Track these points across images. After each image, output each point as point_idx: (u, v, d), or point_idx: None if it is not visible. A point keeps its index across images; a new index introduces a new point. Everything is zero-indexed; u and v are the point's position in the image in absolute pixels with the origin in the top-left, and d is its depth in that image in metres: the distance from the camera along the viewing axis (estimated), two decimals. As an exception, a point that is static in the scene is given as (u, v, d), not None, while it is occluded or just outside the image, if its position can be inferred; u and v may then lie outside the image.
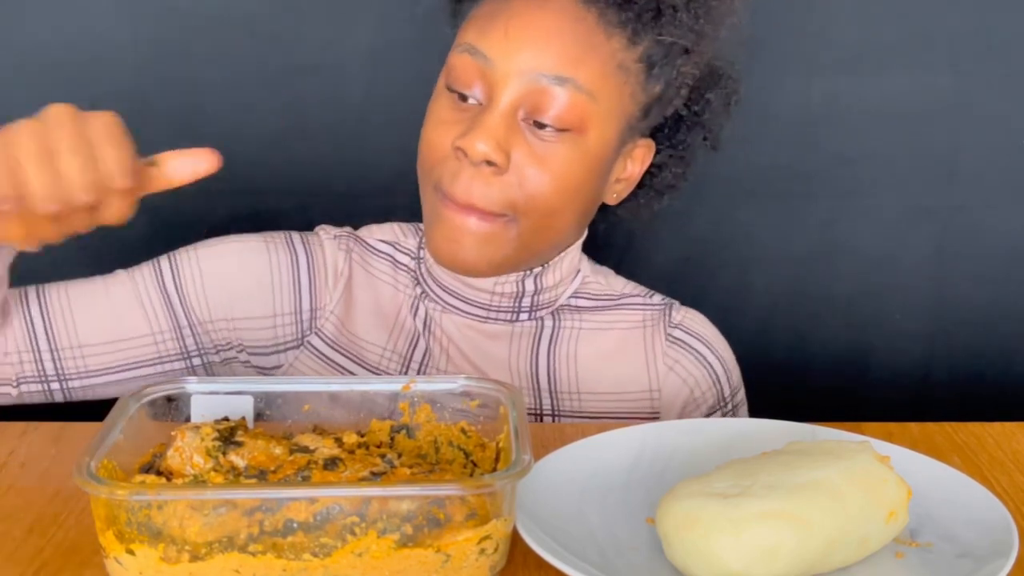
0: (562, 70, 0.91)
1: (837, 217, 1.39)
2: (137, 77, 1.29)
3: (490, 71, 0.92)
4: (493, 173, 0.92)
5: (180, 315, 0.99)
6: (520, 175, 0.92)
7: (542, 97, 0.91)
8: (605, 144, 0.95)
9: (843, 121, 1.35)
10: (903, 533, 0.72)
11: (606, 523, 0.74)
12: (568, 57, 0.91)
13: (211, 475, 0.71)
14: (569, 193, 0.95)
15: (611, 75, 0.93)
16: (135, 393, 0.77)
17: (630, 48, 0.94)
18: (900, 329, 1.42)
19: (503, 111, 0.91)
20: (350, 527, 0.66)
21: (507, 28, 0.92)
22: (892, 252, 1.40)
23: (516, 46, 0.91)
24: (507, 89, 0.91)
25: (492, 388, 0.79)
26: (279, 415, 0.80)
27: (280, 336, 1.02)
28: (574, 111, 0.92)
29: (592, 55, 0.92)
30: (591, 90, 0.92)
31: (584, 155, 0.94)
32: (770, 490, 0.68)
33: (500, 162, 0.91)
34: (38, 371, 0.95)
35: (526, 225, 0.94)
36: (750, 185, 1.38)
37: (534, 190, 0.93)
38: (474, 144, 0.90)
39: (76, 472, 0.65)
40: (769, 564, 0.66)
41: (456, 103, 0.94)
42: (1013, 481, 0.83)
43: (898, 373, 1.43)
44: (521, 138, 0.92)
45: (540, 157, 0.92)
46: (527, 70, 0.91)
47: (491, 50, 0.92)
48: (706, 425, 0.89)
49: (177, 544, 0.65)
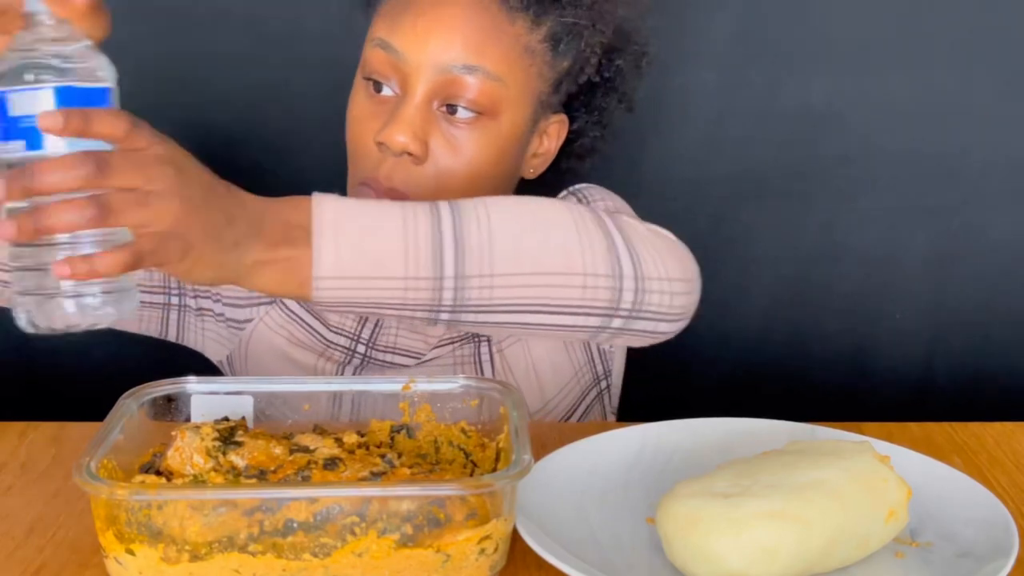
0: (470, 59, 0.95)
1: (837, 217, 1.39)
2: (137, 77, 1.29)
3: (403, 64, 0.96)
4: (413, 162, 0.96)
5: None
6: (437, 163, 0.96)
7: (454, 86, 0.95)
8: (518, 125, 0.99)
9: (843, 121, 1.35)
10: (903, 533, 0.72)
11: (606, 523, 0.74)
12: (475, 46, 0.95)
13: (211, 475, 0.71)
14: (484, 177, 0.98)
15: (518, 58, 0.97)
16: (135, 393, 0.77)
17: (534, 29, 0.98)
18: (900, 329, 1.42)
19: (418, 103, 0.95)
20: (350, 527, 0.66)
21: (415, 22, 0.95)
22: (892, 252, 1.40)
23: (425, 39, 0.95)
24: (420, 81, 0.95)
25: (492, 388, 0.79)
26: (279, 415, 0.80)
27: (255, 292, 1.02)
28: (485, 97, 0.96)
29: (498, 41, 0.96)
30: (500, 75, 0.96)
31: (497, 138, 0.98)
32: (770, 490, 0.68)
33: (418, 152, 0.95)
34: None
35: None
36: (750, 185, 1.38)
37: (448, 177, 0.97)
38: (393, 136, 0.94)
39: (76, 472, 0.65)
40: (769, 564, 0.66)
41: (372, 95, 0.98)
42: (1013, 481, 0.83)
43: (898, 373, 1.43)
44: (436, 127, 0.96)
45: (455, 145, 0.96)
46: (438, 62, 0.95)
47: (402, 44, 0.96)
48: (706, 425, 0.88)
49: (177, 544, 0.65)
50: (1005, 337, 1.43)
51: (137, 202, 0.68)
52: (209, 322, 1.05)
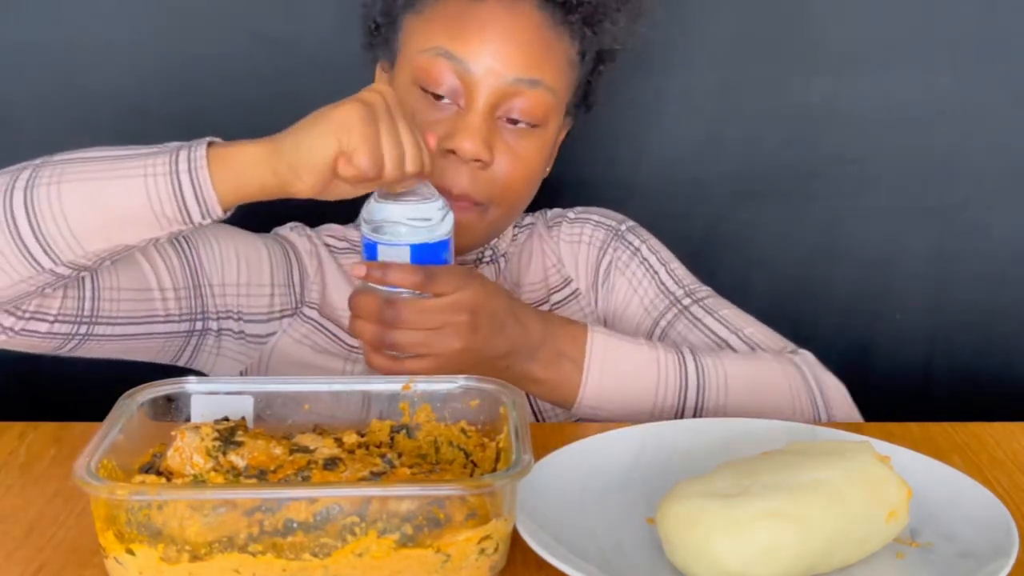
0: (534, 72, 1.01)
1: (837, 217, 1.39)
2: (137, 77, 1.29)
3: (466, 74, 1.00)
4: (479, 168, 1.01)
5: (194, 274, 1.00)
6: (500, 167, 1.02)
7: (516, 98, 1.01)
8: (557, 131, 1.08)
9: (843, 121, 1.35)
10: (903, 533, 0.72)
11: (606, 523, 0.74)
12: (538, 60, 1.02)
13: (211, 475, 0.71)
14: (534, 180, 1.08)
15: (565, 71, 1.05)
16: (135, 393, 0.77)
17: (572, 44, 1.05)
18: (900, 329, 1.42)
19: (483, 112, 1.01)
20: (350, 527, 0.66)
21: (482, 34, 1.00)
22: (892, 252, 1.40)
23: (491, 50, 1.00)
24: (485, 91, 1.00)
25: (492, 388, 0.79)
26: (279, 415, 0.80)
27: (276, 305, 1.06)
28: (542, 108, 1.03)
29: (553, 55, 1.03)
30: (554, 87, 1.04)
31: (546, 144, 1.06)
32: (770, 490, 0.68)
33: (487, 159, 1.01)
34: (78, 309, 0.92)
35: (496, 213, 1.05)
36: (750, 185, 1.38)
37: (509, 181, 1.03)
38: (464, 145, 0.99)
39: (76, 472, 0.65)
40: (769, 564, 0.66)
41: (430, 102, 1.02)
42: (1013, 481, 0.83)
43: (898, 373, 1.43)
44: (499, 135, 1.02)
45: (515, 151, 1.03)
46: (503, 73, 1.00)
47: (466, 54, 1.00)
48: (706, 425, 0.89)
49: (177, 544, 0.65)
50: (1005, 337, 1.43)
51: (419, 343, 0.88)
52: (227, 340, 1.05)
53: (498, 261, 1.14)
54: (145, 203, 0.83)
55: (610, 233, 1.16)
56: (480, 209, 1.03)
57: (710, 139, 1.36)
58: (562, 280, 1.16)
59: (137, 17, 1.28)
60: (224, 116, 1.29)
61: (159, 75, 1.29)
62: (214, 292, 1.02)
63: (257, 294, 1.05)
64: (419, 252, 0.88)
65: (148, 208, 0.83)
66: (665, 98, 1.35)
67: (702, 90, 1.35)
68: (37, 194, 0.83)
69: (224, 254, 1.03)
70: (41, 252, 0.83)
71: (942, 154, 1.37)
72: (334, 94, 1.21)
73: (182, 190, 0.82)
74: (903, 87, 1.34)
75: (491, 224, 1.06)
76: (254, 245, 1.06)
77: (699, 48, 1.33)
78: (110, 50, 1.28)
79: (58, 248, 0.84)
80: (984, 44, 1.33)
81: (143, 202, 0.83)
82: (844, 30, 1.33)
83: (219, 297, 1.02)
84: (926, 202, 1.38)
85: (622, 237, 1.16)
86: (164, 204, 0.83)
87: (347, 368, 1.06)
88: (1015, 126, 1.36)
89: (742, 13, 1.33)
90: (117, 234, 0.84)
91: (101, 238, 0.84)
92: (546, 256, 1.16)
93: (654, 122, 1.36)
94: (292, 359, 1.06)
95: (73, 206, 0.83)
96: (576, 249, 1.16)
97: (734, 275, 1.40)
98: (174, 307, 0.99)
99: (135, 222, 0.84)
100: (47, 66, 1.28)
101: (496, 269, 1.14)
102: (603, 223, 1.17)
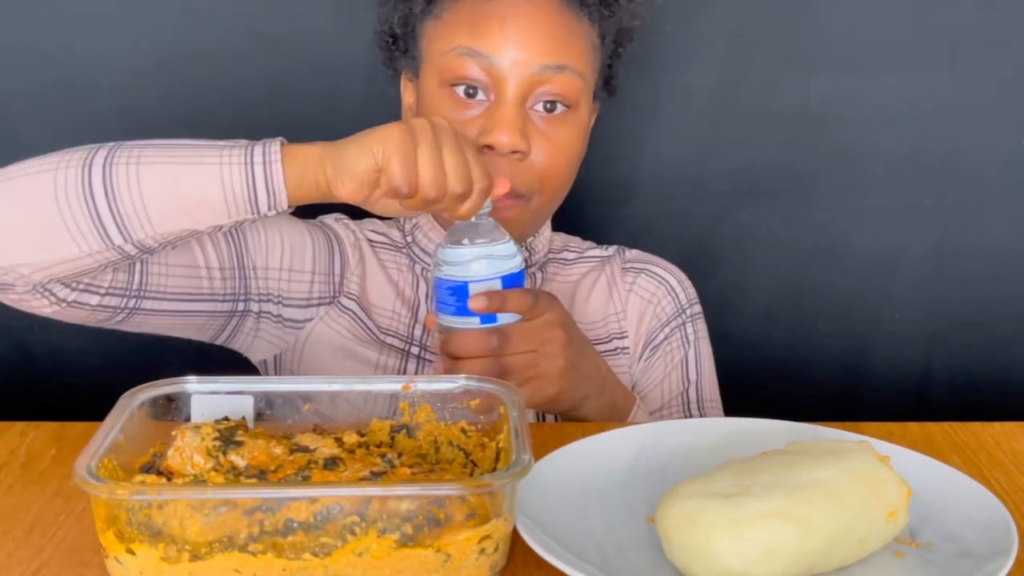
0: (559, 58, 1.02)
1: (837, 217, 1.39)
2: (137, 77, 1.29)
3: (493, 69, 1.01)
4: (518, 159, 1.02)
5: (241, 255, 1.03)
6: (537, 157, 1.03)
7: (545, 85, 1.02)
8: (589, 114, 1.09)
9: (843, 121, 1.35)
10: (903, 533, 0.72)
11: (606, 523, 0.74)
12: (562, 46, 1.02)
13: (211, 475, 0.71)
14: (574, 166, 1.08)
15: (589, 53, 1.06)
16: (135, 393, 0.77)
17: (593, 27, 1.06)
18: (900, 329, 1.42)
19: (514, 103, 1.01)
20: (350, 527, 0.66)
21: (503, 28, 1.01)
22: (892, 252, 1.40)
23: (515, 42, 1.01)
24: (514, 82, 1.01)
25: (492, 388, 0.79)
26: (279, 415, 0.80)
27: (315, 292, 1.09)
28: (572, 93, 1.03)
29: (576, 39, 1.04)
30: (581, 71, 1.04)
31: (580, 128, 1.07)
32: (770, 490, 0.68)
33: (525, 149, 1.01)
34: (128, 283, 0.94)
35: (539, 201, 1.06)
36: (750, 185, 1.38)
37: (549, 169, 1.04)
38: (500, 138, 1.00)
39: (76, 472, 0.65)
40: (769, 564, 0.66)
41: (460, 100, 1.03)
42: (1013, 481, 0.83)
43: (898, 373, 1.43)
44: (532, 124, 1.03)
45: (550, 139, 1.03)
46: (529, 63, 1.01)
47: (491, 49, 1.01)
48: (706, 425, 0.89)
49: (177, 544, 0.65)
50: (1004, 336, 1.43)
51: (529, 364, 0.92)
52: (265, 323, 1.07)
53: (534, 276, 1.15)
54: (219, 190, 0.86)
55: (676, 312, 1.16)
56: (523, 201, 1.04)
57: (710, 139, 1.36)
58: (619, 330, 1.16)
59: (137, 17, 1.28)
60: (224, 116, 1.29)
61: (159, 75, 1.29)
62: (257, 275, 1.04)
63: (298, 280, 1.07)
64: (508, 282, 0.93)
65: (221, 195, 0.86)
66: (665, 98, 1.35)
67: (702, 90, 1.35)
68: (116, 171, 0.86)
69: (269, 239, 1.05)
70: (115, 228, 0.86)
71: (941, 154, 1.37)
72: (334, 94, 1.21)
73: (255, 181, 0.86)
74: (902, 87, 1.34)
75: (535, 213, 1.07)
76: (299, 231, 1.08)
77: (698, 48, 1.33)
78: (110, 50, 1.28)
79: (131, 226, 0.87)
80: (983, 44, 1.33)
81: (217, 189, 0.86)
82: (844, 30, 1.33)
83: (261, 280, 1.05)
84: (925, 202, 1.38)
85: (683, 326, 1.16)
86: (237, 193, 0.86)
87: (380, 360, 1.08)
88: (1014, 126, 1.36)
89: (742, 13, 1.33)
90: (188, 218, 0.87)
91: (172, 221, 0.88)
92: (612, 300, 1.16)
93: (654, 122, 1.36)
94: (327, 346, 1.08)
95: (151, 186, 0.86)
96: (644, 308, 1.16)
97: (733, 275, 1.40)
98: (219, 286, 1.01)
99: (207, 208, 0.87)
100: (47, 66, 1.28)
101: (531, 282, 1.14)
102: (675, 296, 1.16)
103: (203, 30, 1.28)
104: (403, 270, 1.14)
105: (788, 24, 1.33)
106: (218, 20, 1.28)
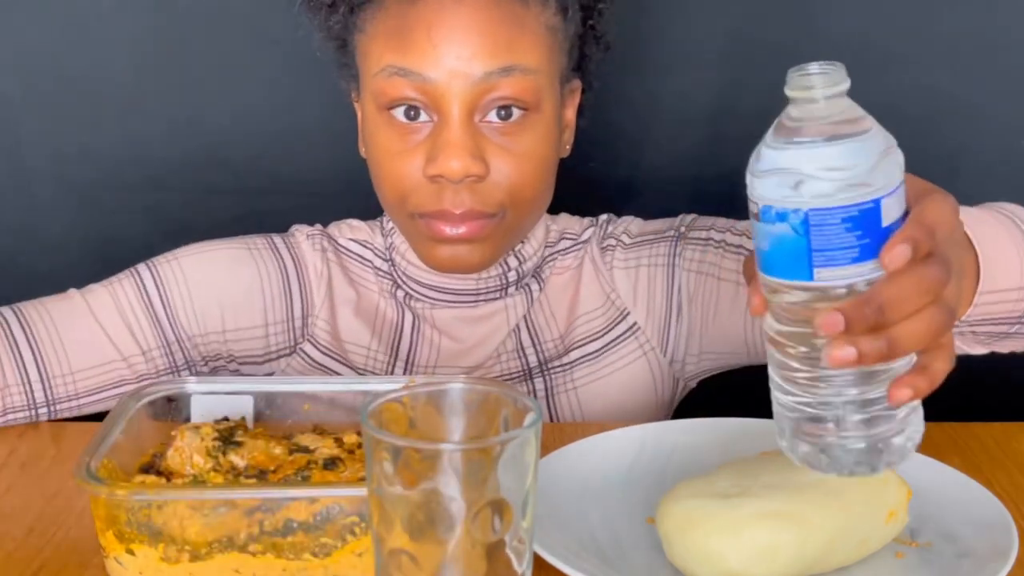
0: (504, 59, 0.87)
1: (837, 217, 1.39)
2: (137, 77, 1.29)
3: (429, 86, 0.88)
4: (475, 181, 0.89)
5: (168, 331, 0.96)
6: (499, 175, 0.90)
7: (493, 93, 0.88)
8: (555, 107, 0.93)
9: (843, 121, 1.35)
10: (903, 533, 0.72)
11: (606, 523, 0.74)
12: (503, 44, 0.87)
13: (211, 475, 0.71)
14: (548, 169, 0.94)
15: (543, 41, 0.90)
16: (135, 393, 0.77)
17: (546, 6, 0.91)
18: (899, 329, 1.42)
19: (460, 121, 0.88)
20: (350, 527, 0.66)
21: (430, 36, 0.87)
22: (892, 252, 1.40)
23: (447, 51, 0.87)
24: (455, 98, 0.87)
25: (492, 388, 0.79)
26: (279, 415, 0.80)
27: (272, 345, 1.01)
28: (527, 94, 0.89)
29: (522, 31, 0.88)
30: (535, 66, 0.89)
31: (545, 128, 0.92)
32: (770, 490, 0.68)
33: (481, 171, 0.89)
34: (27, 401, 0.92)
35: (514, 215, 0.93)
36: (750, 185, 1.38)
37: (517, 182, 0.91)
38: (449, 165, 0.87)
39: (76, 472, 0.65)
40: (769, 564, 0.66)
41: (401, 125, 0.90)
42: (1013, 481, 0.83)
43: (898, 373, 1.43)
44: (486, 139, 0.90)
45: (511, 151, 0.90)
46: (469, 72, 0.87)
47: (421, 65, 0.87)
48: (706, 425, 0.88)
49: (177, 544, 0.65)
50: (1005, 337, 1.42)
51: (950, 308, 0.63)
52: (224, 374, 1.01)
53: (528, 287, 1.03)
54: None
55: (672, 241, 1.03)
56: (494, 220, 0.91)
57: (710, 139, 1.36)
58: (618, 313, 1.04)
59: (137, 17, 1.28)
60: (224, 116, 1.29)
61: (159, 75, 1.29)
62: (196, 343, 0.98)
63: (249, 337, 1.00)
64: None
65: None
66: (665, 98, 1.35)
67: (702, 90, 1.35)
68: None
69: (198, 304, 0.97)
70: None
71: (942, 154, 1.36)
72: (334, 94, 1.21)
73: None
74: (903, 87, 1.34)
75: (511, 228, 0.94)
76: (238, 280, 0.99)
77: (698, 48, 1.33)
78: (110, 50, 1.28)
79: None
80: (984, 44, 1.33)
81: None
82: (843, 30, 1.33)
83: (202, 346, 0.98)
84: (925, 202, 1.38)
85: (685, 236, 1.03)
86: None
87: None
88: (1015, 126, 1.36)
89: (742, 13, 1.33)
90: None
91: None
92: (602, 283, 1.05)
93: (654, 122, 1.36)
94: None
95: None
96: (634, 276, 1.04)
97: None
98: (144, 369, 0.96)
99: None
100: (47, 66, 1.28)
101: (527, 297, 1.03)
102: (663, 235, 1.04)
103: (203, 30, 1.28)
104: (385, 295, 1.03)
105: (789, 24, 1.33)
106: (218, 20, 1.28)
